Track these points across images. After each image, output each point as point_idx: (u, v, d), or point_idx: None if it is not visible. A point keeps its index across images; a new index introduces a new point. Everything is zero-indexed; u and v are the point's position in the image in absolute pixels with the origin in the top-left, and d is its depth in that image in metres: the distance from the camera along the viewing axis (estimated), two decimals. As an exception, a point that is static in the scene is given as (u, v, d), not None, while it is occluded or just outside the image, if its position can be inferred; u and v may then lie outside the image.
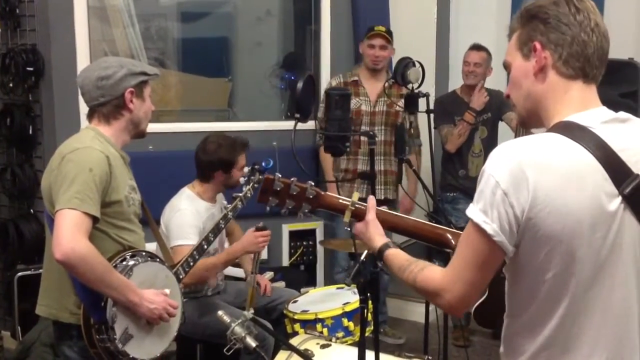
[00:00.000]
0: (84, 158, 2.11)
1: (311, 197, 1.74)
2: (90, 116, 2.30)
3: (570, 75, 1.35)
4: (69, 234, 2.00)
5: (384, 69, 4.20)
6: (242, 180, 2.94)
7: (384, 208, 1.75)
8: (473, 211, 1.31)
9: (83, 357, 2.20)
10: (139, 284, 2.18)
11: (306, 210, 1.75)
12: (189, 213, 3.04)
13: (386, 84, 4.07)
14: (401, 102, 4.06)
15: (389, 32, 4.13)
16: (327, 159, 4.08)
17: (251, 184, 2.94)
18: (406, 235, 1.73)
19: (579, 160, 1.28)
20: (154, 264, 2.31)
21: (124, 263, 2.17)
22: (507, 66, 1.44)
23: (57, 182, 2.10)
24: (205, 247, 2.71)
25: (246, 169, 2.96)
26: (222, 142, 3.16)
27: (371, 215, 1.70)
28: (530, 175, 1.25)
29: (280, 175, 1.73)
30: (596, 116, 1.33)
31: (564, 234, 1.27)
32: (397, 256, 1.57)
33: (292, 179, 1.75)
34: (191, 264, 2.64)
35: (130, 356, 2.16)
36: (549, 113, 1.37)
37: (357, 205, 1.72)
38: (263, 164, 3.01)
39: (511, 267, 1.35)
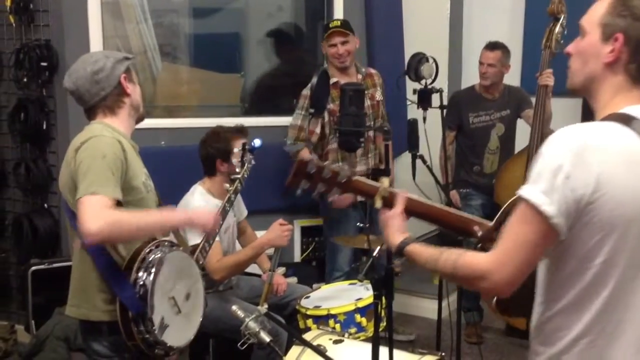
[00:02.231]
0: (96, 146, 2.11)
1: (343, 181, 1.72)
2: (92, 114, 2.26)
3: (638, 78, 1.37)
4: (90, 213, 1.97)
5: (353, 62, 3.95)
6: (234, 161, 2.92)
7: (414, 196, 1.72)
8: (532, 192, 1.30)
9: (112, 351, 2.20)
10: (169, 274, 2.19)
11: (336, 195, 1.73)
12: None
13: (360, 76, 3.94)
14: (379, 92, 3.98)
15: (346, 23, 3.90)
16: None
17: (246, 165, 2.94)
18: (434, 223, 1.72)
19: (637, 149, 1.30)
20: (178, 252, 2.32)
21: (153, 256, 2.17)
22: (581, 30, 1.43)
23: (75, 177, 2.09)
24: (217, 230, 2.72)
25: (236, 150, 2.94)
26: (218, 131, 3.22)
27: (398, 209, 1.68)
28: (594, 159, 1.26)
29: (315, 157, 1.72)
30: None
31: (621, 221, 1.28)
32: (422, 248, 1.56)
33: (325, 162, 1.74)
34: (207, 248, 2.67)
35: (168, 345, 2.18)
36: (604, 101, 1.39)
37: (388, 191, 1.71)
38: (252, 143, 3.04)
39: (555, 251, 1.35)
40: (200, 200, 3.11)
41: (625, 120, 1.32)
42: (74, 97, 2.25)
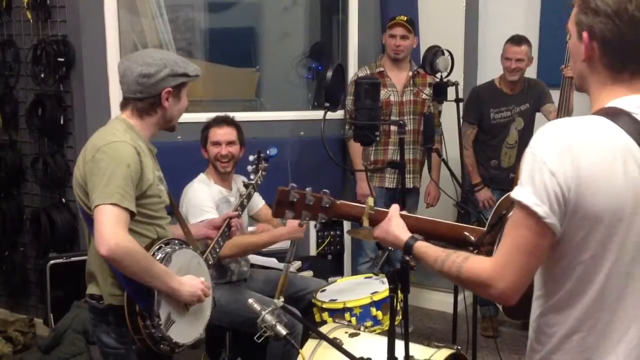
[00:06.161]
0: (121, 152, 2.12)
1: (327, 206, 1.72)
2: (124, 105, 2.29)
3: (617, 68, 1.35)
4: (112, 230, 2.02)
5: (407, 58, 4.15)
6: (249, 168, 3.01)
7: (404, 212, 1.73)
8: (522, 194, 1.30)
9: (120, 342, 2.23)
10: (177, 271, 2.21)
11: (323, 220, 1.73)
12: (200, 191, 3.14)
13: (410, 73, 4.06)
14: (427, 91, 4.06)
15: (410, 22, 4.07)
16: (356, 150, 4.07)
17: (259, 172, 3.04)
18: (425, 235, 1.68)
19: (622, 143, 1.29)
20: (188, 251, 2.34)
21: (161, 252, 2.19)
22: (567, 32, 1.44)
23: (93, 175, 2.10)
24: (228, 233, 2.76)
25: (251, 157, 3.03)
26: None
27: (395, 210, 1.68)
28: (577, 154, 1.26)
29: (295, 186, 1.71)
30: (637, 102, 1.34)
31: (605, 215, 1.27)
32: (429, 248, 1.55)
33: (307, 189, 1.73)
34: (217, 250, 2.70)
35: (174, 341, 2.20)
36: (594, 97, 1.39)
37: (375, 210, 1.71)
38: (267, 152, 3.12)
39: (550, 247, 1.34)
40: (197, 184, 3.19)
41: (611, 114, 1.31)
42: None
